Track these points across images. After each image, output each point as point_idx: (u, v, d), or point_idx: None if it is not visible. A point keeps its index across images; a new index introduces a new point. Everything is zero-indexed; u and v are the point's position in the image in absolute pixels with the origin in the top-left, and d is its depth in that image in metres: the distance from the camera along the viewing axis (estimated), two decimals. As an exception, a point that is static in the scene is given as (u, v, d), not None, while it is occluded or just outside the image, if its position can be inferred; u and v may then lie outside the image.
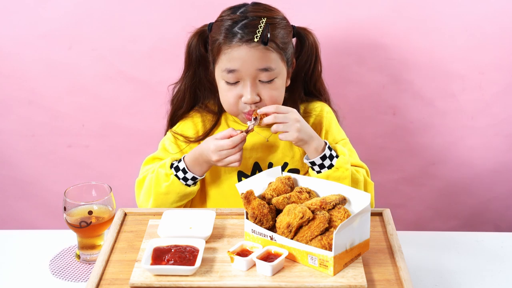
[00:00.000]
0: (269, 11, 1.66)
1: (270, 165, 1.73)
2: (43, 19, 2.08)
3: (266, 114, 1.59)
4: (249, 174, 1.73)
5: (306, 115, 1.75)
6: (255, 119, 1.61)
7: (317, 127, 1.75)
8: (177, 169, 1.66)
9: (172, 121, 1.81)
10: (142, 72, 2.13)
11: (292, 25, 1.71)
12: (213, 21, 1.71)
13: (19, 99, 2.17)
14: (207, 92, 1.77)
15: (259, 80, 1.63)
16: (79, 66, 2.13)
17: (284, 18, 1.68)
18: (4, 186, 2.29)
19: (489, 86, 2.13)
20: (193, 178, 1.66)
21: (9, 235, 1.73)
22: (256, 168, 1.73)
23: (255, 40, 1.59)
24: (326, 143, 1.64)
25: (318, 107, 1.79)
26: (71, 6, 2.07)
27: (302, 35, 1.72)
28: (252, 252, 1.32)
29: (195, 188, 1.68)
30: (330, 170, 1.61)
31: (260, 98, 1.63)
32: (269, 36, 1.59)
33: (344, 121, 1.89)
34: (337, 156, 1.63)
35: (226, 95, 1.66)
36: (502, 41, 2.08)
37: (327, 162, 1.61)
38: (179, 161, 1.67)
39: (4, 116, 2.20)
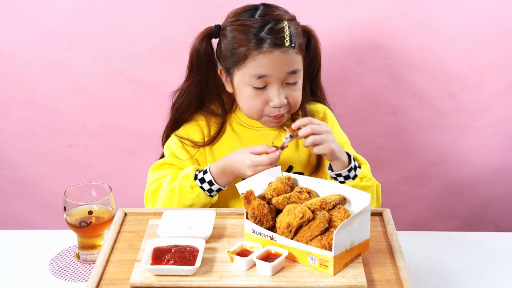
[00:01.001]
0: (283, 12, 1.66)
1: None
2: (43, 19, 2.09)
3: (299, 128, 1.58)
4: None
5: None
6: (291, 136, 1.59)
7: None
8: (202, 180, 1.64)
9: (175, 126, 1.78)
10: (142, 72, 2.13)
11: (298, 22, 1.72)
12: (213, 21, 1.71)
13: (19, 99, 2.17)
14: (213, 95, 1.75)
15: (286, 83, 1.63)
16: (79, 66, 2.13)
17: (295, 18, 1.68)
18: (4, 186, 2.29)
19: (489, 86, 2.13)
20: (218, 190, 1.65)
21: (9, 235, 1.73)
22: None
23: (286, 44, 1.59)
24: (350, 155, 1.64)
25: (321, 110, 1.79)
26: (71, 6, 2.07)
27: (308, 33, 1.73)
28: (252, 252, 1.32)
29: (216, 198, 1.68)
30: (354, 180, 1.62)
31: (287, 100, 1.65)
32: (294, 38, 1.60)
33: (344, 121, 1.89)
34: (359, 166, 1.64)
35: (253, 101, 1.64)
36: (502, 41, 2.08)
37: (352, 173, 1.62)
38: (205, 172, 1.64)
39: (4, 116, 2.20)
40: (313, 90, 1.81)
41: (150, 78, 2.14)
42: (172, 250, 1.32)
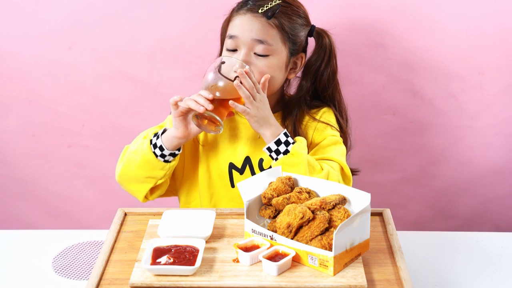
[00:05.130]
0: (291, 1, 1.69)
1: (261, 161, 1.73)
2: (43, 19, 2.08)
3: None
4: (239, 167, 1.73)
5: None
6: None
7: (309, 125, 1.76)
8: (155, 134, 1.66)
9: None
10: (142, 72, 2.13)
11: (312, 24, 1.74)
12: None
13: (19, 99, 2.17)
14: None
15: (255, 53, 1.65)
16: (79, 66, 2.13)
17: (304, 14, 1.71)
18: (4, 186, 2.29)
19: (489, 86, 2.13)
20: (161, 148, 1.63)
21: (9, 235, 1.73)
22: (247, 163, 1.73)
23: (259, 11, 1.64)
24: (283, 130, 1.62)
25: (319, 109, 1.79)
26: (71, 6, 2.07)
27: (319, 35, 1.74)
28: (260, 248, 1.32)
29: (158, 163, 1.63)
30: (285, 156, 1.58)
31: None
32: (275, 14, 1.63)
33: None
34: (293, 143, 1.60)
35: None
36: (502, 41, 2.08)
37: (282, 148, 1.60)
38: (163, 131, 1.65)
39: (4, 116, 2.20)
40: (323, 96, 1.80)
41: (150, 78, 2.14)
42: (172, 250, 1.32)
